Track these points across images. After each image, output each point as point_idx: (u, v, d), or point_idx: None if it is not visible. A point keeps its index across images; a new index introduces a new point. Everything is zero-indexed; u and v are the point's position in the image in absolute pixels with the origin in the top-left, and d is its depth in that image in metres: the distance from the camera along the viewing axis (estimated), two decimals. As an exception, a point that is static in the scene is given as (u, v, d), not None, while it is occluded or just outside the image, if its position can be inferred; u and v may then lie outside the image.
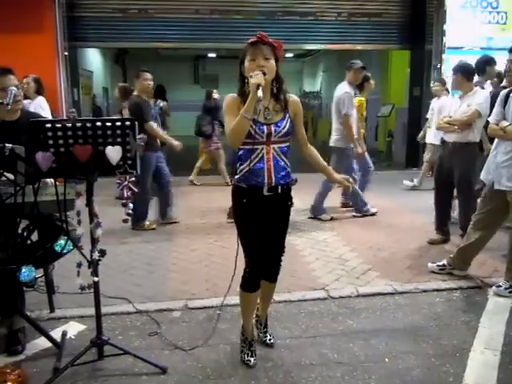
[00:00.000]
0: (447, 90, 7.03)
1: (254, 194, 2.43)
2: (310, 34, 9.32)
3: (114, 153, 2.29)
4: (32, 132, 2.27)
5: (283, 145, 2.43)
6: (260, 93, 2.18)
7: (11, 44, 7.25)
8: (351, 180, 2.71)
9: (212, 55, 17.73)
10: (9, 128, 2.73)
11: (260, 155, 2.38)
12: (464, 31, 8.91)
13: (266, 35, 2.32)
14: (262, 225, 2.48)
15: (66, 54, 8.38)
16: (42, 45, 7.80)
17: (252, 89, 2.21)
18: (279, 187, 2.44)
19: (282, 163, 2.43)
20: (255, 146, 2.37)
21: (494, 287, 3.54)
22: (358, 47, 10.07)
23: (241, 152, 2.43)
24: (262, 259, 2.50)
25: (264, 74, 2.24)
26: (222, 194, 6.71)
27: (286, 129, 2.40)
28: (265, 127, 2.35)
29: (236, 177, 2.46)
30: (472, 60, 4.80)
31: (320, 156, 2.67)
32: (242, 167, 2.43)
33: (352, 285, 3.67)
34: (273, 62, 2.32)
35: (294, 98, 2.52)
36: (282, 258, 2.66)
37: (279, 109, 2.41)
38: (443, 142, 4.55)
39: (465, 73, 4.36)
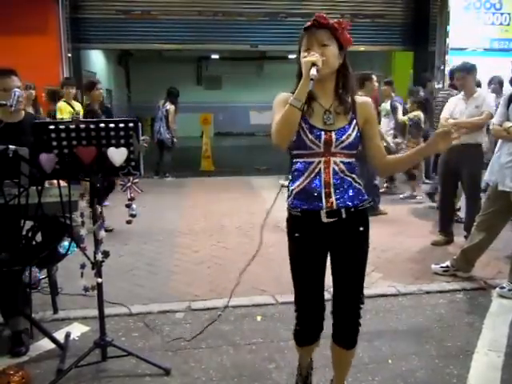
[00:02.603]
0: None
1: (309, 223, 1.90)
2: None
3: (116, 154, 2.29)
4: (35, 133, 2.27)
5: (348, 160, 1.88)
6: (314, 71, 1.70)
7: (15, 45, 7.28)
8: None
9: (215, 56, 17.74)
10: (12, 130, 2.73)
11: (316, 170, 1.86)
12: (467, 32, 8.89)
13: (324, 16, 1.83)
14: (323, 264, 1.97)
15: (70, 55, 8.41)
16: (45, 46, 7.83)
17: (305, 68, 1.72)
18: (343, 211, 1.87)
19: (348, 180, 1.88)
20: (310, 159, 1.86)
21: (497, 288, 3.52)
22: (362, 48, 10.05)
23: (294, 167, 1.93)
24: (321, 315, 2.00)
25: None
26: (225, 196, 6.71)
27: (351, 138, 1.85)
28: (323, 133, 1.83)
29: (288, 200, 1.96)
30: (475, 61, 4.77)
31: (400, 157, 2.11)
32: (293, 186, 1.91)
33: (355, 286, 3.66)
34: (333, 48, 1.83)
35: (364, 99, 1.98)
36: (361, 311, 1.99)
37: (343, 112, 1.88)
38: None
39: (474, 74, 4.35)
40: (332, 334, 2.05)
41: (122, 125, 2.31)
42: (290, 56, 17.46)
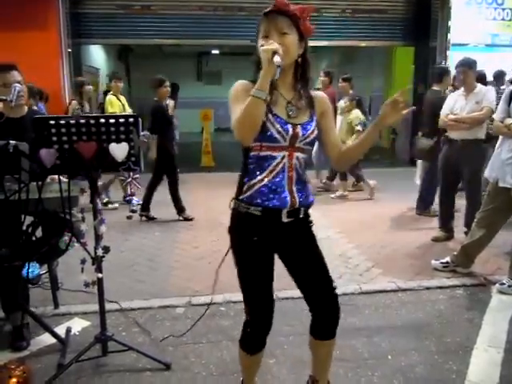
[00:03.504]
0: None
1: (268, 224, 1.79)
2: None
3: (118, 150, 2.29)
4: (36, 129, 2.27)
5: (306, 155, 1.82)
6: (278, 58, 1.57)
7: (14, 41, 7.26)
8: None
9: (215, 52, 17.70)
10: (14, 125, 2.73)
11: (281, 165, 1.75)
12: (469, 28, 8.86)
13: (286, 2, 1.72)
14: (272, 264, 1.88)
15: (70, 50, 8.38)
16: (45, 41, 7.81)
17: (266, 57, 1.57)
18: (302, 210, 1.82)
19: (304, 177, 1.84)
20: (274, 153, 1.74)
21: (497, 285, 3.53)
22: (362, 44, 10.04)
23: (251, 161, 1.78)
24: (271, 315, 1.92)
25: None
26: (225, 192, 6.71)
27: (314, 134, 1.79)
28: (290, 127, 1.73)
29: (241, 197, 1.78)
30: (476, 57, 4.75)
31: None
32: (253, 182, 1.76)
33: (355, 282, 3.67)
34: (293, 37, 1.70)
35: (318, 93, 1.90)
36: (337, 298, 1.92)
37: (304, 106, 1.79)
38: (449, 139, 4.52)
39: (474, 68, 4.34)
40: (312, 331, 1.97)
41: (122, 120, 2.31)
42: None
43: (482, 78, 6.06)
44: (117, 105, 6.25)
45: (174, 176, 5.50)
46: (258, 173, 1.76)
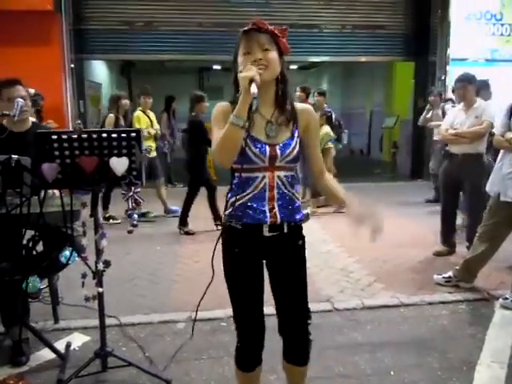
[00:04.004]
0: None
1: (250, 237, 1.81)
2: (314, 46, 9.38)
3: (118, 164, 2.30)
4: (38, 143, 2.28)
5: (290, 173, 1.81)
6: (254, 88, 1.59)
7: (18, 56, 7.33)
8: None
9: (217, 67, 17.84)
10: (16, 139, 2.74)
11: (261, 186, 1.77)
12: (468, 43, 8.94)
13: (264, 22, 1.78)
14: (261, 280, 1.88)
15: (72, 65, 8.46)
16: (48, 57, 7.88)
17: (243, 85, 1.61)
18: (285, 225, 1.81)
19: (290, 195, 1.82)
20: (254, 174, 1.76)
21: (500, 299, 3.51)
22: (363, 59, 10.13)
23: (235, 180, 1.80)
24: (261, 331, 1.92)
25: (264, 67, 1.68)
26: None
27: (295, 151, 1.78)
28: (267, 148, 1.74)
29: (226, 212, 1.84)
30: (476, 72, 4.78)
31: (338, 187, 1.93)
32: (234, 199, 1.80)
33: (357, 297, 3.64)
34: (274, 53, 1.73)
35: (304, 106, 1.91)
36: (308, 326, 1.91)
37: (285, 122, 1.78)
38: (450, 154, 4.53)
39: (474, 84, 4.37)
40: (283, 353, 1.97)
41: (124, 135, 2.32)
42: (292, 67, 17.58)
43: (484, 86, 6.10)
44: (144, 121, 6.21)
45: (211, 188, 5.62)
46: (240, 191, 1.79)
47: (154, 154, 6.30)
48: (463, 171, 4.34)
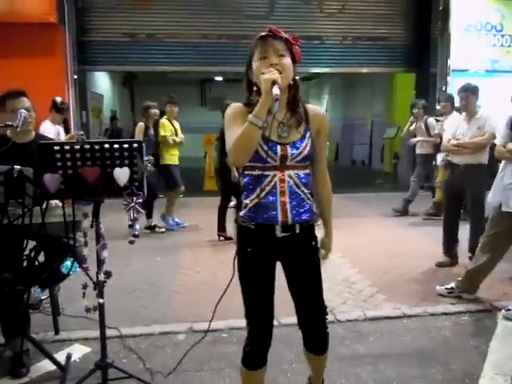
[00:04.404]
0: None
1: (263, 237, 1.88)
2: (315, 57, 9.44)
3: (122, 174, 2.31)
4: (41, 154, 2.29)
5: (302, 172, 1.88)
6: (277, 90, 1.66)
7: (22, 67, 7.39)
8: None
9: (218, 78, 17.96)
10: (20, 150, 2.76)
11: (272, 184, 1.83)
12: (468, 54, 8.99)
13: (279, 29, 1.83)
14: (273, 279, 1.96)
15: (76, 77, 8.53)
16: (51, 68, 7.95)
17: (265, 87, 1.67)
18: (297, 226, 1.88)
19: (302, 195, 1.87)
20: (265, 172, 1.83)
21: (503, 311, 3.48)
22: (363, 70, 10.19)
23: (246, 179, 1.89)
24: (270, 328, 1.99)
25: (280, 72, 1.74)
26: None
27: (306, 151, 1.85)
28: (279, 147, 1.81)
29: (240, 214, 1.92)
30: (476, 82, 4.79)
31: (331, 209, 2.06)
32: (247, 200, 1.88)
33: (359, 308, 3.63)
34: (289, 59, 1.81)
35: (316, 109, 1.97)
36: (326, 320, 2.05)
37: (297, 124, 1.86)
38: (452, 164, 4.53)
39: (476, 94, 4.39)
40: (303, 344, 2.09)
41: (126, 145, 2.33)
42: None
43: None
44: (169, 129, 6.23)
45: (229, 199, 5.72)
46: (252, 191, 1.86)
47: (175, 162, 6.31)
48: (465, 182, 4.34)
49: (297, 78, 1.89)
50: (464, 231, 4.60)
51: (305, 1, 9.35)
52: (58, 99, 6.06)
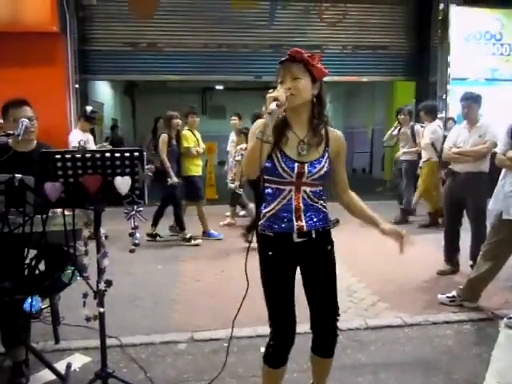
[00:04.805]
0: None
1: (282, 243, 2.01)
2: (315, 66, 9.48)
3: (123, 183, 2.31)
4: (42, 162, 2.30)
5: (316, 188, 2.01)
6: (273, 105, 1.77)
7: (23, 76, 7.42)
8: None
9: (219, 87, 18.03)
10: (21, 159, 2.76)
11: (288, 198, 1.97)
12: (468, 63, 9.02)
13: (299, 50, 1.92)
14: (293, 282, 2.06)
15: (77, 86, 8.56)
16: (53, 77, 7.98)
17: (268, 103, 1.80)
18: (313, 231, 2.00)
19: (316, 205, 2.02)
20: (282, 187, 1.97)
21: (505, 319, 3.47)
22: (364, 79, 10.23)
23: (266, 191, 2.03)
24: (293, 328, 2.07)
25: (292, 95, 1.87)
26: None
27: (323, 171, 1.96)
28: (296, 165, 1.93)
29: (260, 222, 2.06)
30: (476, 91, 4.81)
31: (363, 205, 2.13)
32: (265, 210, 2.03)
33: (360, 317, 3.61)
34: (304, 81, 1.91)
35: (337, 133, 2.06)
36: (337, 323, 2.12)
37: (317, 144, 1.97)
38: (453, 172, 4.53)
39: (478, 102, 4.40)
40: (311, 347, 2.17)
41: (127, 154, 2.33)
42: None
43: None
44: (192, 140, 6.20)
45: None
46: (270, 203, 2.01)
47: (199, 172, 6.25)
48: (466, 190, 4.34)
49: (323, 94, 2.01)
50: (465, 239, 4.59)
51: (305, 10, 9.41)
52: (89, 108, 6.12)
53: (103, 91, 12.89)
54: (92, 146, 5.89)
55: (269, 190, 2.01)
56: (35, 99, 3.09)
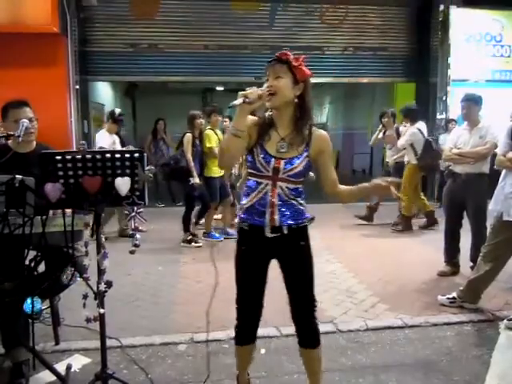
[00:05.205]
0: None
1: (255, 237, 2.12)
2: (316, 67, 9.48)
3: (123, 184, 2.31)
4: (42, 163, 2.30)
5: (293, 186, 2.09)
6: (236, 101, 1.90)
7: (24, 77, 7.42)
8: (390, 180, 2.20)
9: (220, 88, 18.03)
10: (20, 159, 2.76)
11: (264, 191, 2.07)
12: (468, 64, 9.03)
13: (286, 53, 2.02)
14: (264, 274, 2.21)
15: (78, 87, 8.56)
16: (53, 78, 7.98)
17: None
18: (284, 228, 2.09)
19: (292, 202, 2.09)
20: (259, 180, 2.08)
21: (505, 320, 3.46)
22: (364, 80, 10.23)
23: (248, 183, 2.14)
24: (257, 312, 2.27)
25: (272, 94, 1.97)
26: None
27: (298, 169, 2.05)
28: (273, 160, 2.03)
29: (238, 215, 2.19)
30: (477, 92, 4.81)
31: (349, 187, 2.22)
32: (243, 202, 2.15)
33: (361, 318, 3.61)
34: (286, 80, 2.00)
35: (321, 132, 2.14)
36: (315, 313, 2.23)
37: (298, 143, 2.06)
38: (453, 173, 4.53)
39: (479, 104, 4.40)
40: (298, 341, 2.28)
41: (127, 155, 2.33)
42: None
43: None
44: (214, 140, 6.12)
45: None
46: (248, 195, 2.12)
47: (218, 173, 6.12)
48: (466, 191, 4.34)
49: (307, 96, 2.06)
50: (466, 240, 4.59)
51: (306, 12, 9.42)
52: (117, 110, 6.09)
53: (104, 92, 12.88)
54: (118, 148, 5.90)
55: (250, 183, 2.12)
56: (36, 100, 3.09)
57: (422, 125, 6.70)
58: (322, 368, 2.40)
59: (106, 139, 5.91)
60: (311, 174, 2.28)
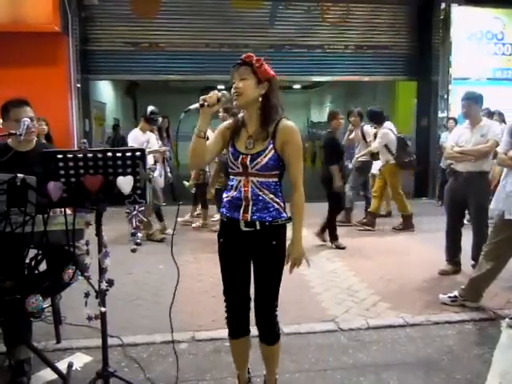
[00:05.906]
0: None
1: (232, 230, 2.22)
2: (317, 66, 9.49)
3: (125, 183, 2.31)
4: (44, 162, 2.30)
5: (265, 179, 2.15)
6: (192, 106, 2.13)
7: (25, 76, 7.44)
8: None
9: (221, 87, 18.04)
10: (21, 158, 2.76)
11: (239, 186, 2.18)
12: (470, 62, 9.02)
13: (250, 55, 2.14)
14: (245, 266, 2.27)
15: (79, 86, 8.57)
16: (55, 77, 8.00)
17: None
18: (257, 223, 2.16)
19: (265, 198, 2.15)
20: (235, 177, 2.22)
21: (507, 319, 3.46)
22: (366, 79, 10.21)
23: (229, 182, 2.29)
24: (243, 304, 2.31)
25: (238, 94, 2.11)
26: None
27: (264, 162, 2.12)
28: (240, 157, 2.15)
29: (221, 210, 2.33)
30: (478, 90, 4.80)
31: (299, 217, 2.21)
32: (224, 196, 2.28)
33: (362, 317, 3.61)
34: (250, 82, 2.11)
35: (285, 124, 2.17)
36: (276, 313, 2.28)
37: (263, 138, 2.15)
38: (454, 172, 4.53)
39: (480, 102, 4.39)
40: (259, 334, 2.33)
41: (128, 154, 2.33)
42: (295, 86, 17.70)
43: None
44: None
45: (338, 203, 5.77)
46: (228, 191, 2.26)
47: None
48: (468, 189, 4.34)
49: (272, 95, 2.16)
50: (467, 239, 4.59)
51: (307, 10, 9.41)
52: (149, 109, 6.00)
53: (105, 91, 12.89)
54: (154, 146, 5.90)
55: (230, 180, 2.25)
56: (37, 99, 3.10)
57: (390, 125, 6.77)
58: (323, 366, 2.39)
59: (138, 138, 5.85)
60: None
